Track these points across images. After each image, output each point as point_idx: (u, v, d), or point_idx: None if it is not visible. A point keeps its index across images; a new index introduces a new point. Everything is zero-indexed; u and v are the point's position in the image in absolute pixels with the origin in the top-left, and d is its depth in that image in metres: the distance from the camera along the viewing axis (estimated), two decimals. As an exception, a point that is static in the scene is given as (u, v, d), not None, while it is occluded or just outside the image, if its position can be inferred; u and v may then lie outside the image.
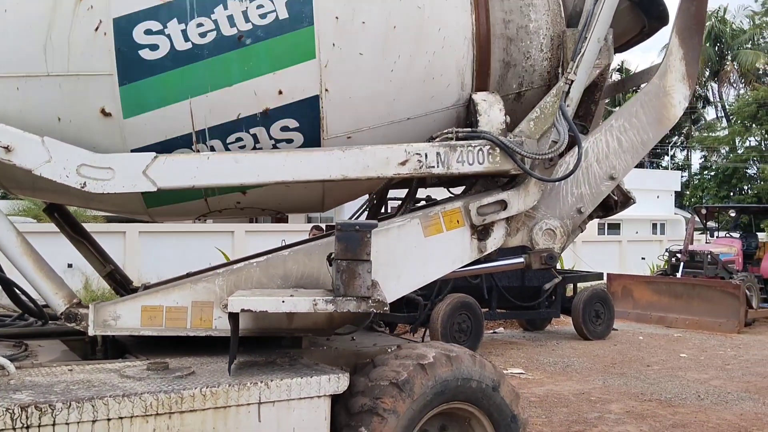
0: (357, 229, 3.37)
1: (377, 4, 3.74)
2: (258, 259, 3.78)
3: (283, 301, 3.34)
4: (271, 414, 3.35)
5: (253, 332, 3.73)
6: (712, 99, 51.42)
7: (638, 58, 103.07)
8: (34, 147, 3.45)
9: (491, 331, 13.11)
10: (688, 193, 46.69)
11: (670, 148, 51.86)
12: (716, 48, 47.44)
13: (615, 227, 32.78)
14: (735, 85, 49.61)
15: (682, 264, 15.65)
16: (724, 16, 47.62)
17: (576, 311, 12.37)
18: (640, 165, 46.62)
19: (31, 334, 4.36)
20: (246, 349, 3.92)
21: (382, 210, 5.66)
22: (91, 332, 3.64)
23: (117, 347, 4.17)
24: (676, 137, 53.20)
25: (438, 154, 3.74)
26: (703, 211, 18.27)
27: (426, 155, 3.72)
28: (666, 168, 48.65)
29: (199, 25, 3.52)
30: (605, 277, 15.31)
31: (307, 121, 3.72)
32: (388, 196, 5.63)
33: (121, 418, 3.03)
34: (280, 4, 3.56)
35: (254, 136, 3.72)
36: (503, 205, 3.96)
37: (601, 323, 12.61)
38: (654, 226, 34.64)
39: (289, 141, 3.77)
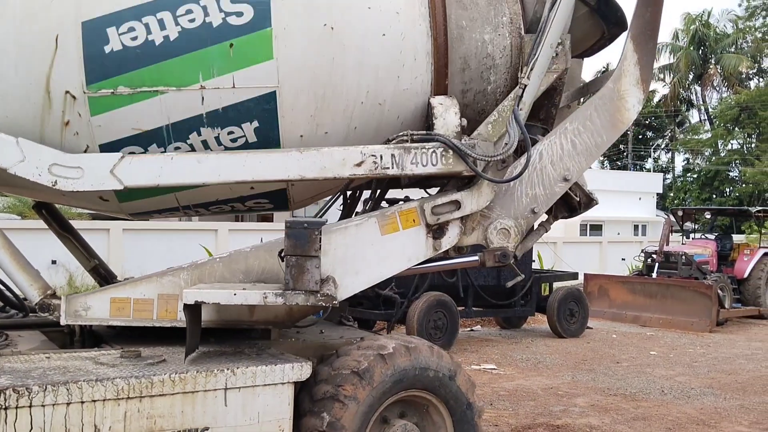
0: (305, 226, 3.56)
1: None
2: (221, 255, 4.01)
3: (234, 294, 3.55)
4: (236, 399, 3.58)
5: (217, 324, 3.96)
6: (695, 102, 52.00)
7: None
8: (9, 147, 3.66)
9: (468, 329, 13.38)
10: (671, 195, 47.27)
11: (653, 150, 52.39)
12: (700, 51, 48.05)
13: (597, 228, 33.21)
14: (718, 89, 50.26)
15: (657, 264, 15.99)
16: (707, 20, 48.22)
17: (551, 310, 12.65)
18: (623, 167, 47.20)
19: (12, 325, 4.57)
20: (217, 340, 4.16)
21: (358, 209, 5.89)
22: (63, 322, 3.86)
23: (94, 338, 4.39)
24: (661, 140, 53.81)
25: (393, 155, 3.93)
26: (680, 213, 18.64)
27: (381, 157, 3.91)
28: (649, 170, 49.14)
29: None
30: (582, 277, 15.60)
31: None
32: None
33: (94, 401, 3.25)
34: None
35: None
36: (457, 205, 4.14)
37: (576, 322, 12.90)
38: (636, 227, 35.08)
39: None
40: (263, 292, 3.56)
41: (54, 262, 14.19)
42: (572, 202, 5.14)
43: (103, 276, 5.59)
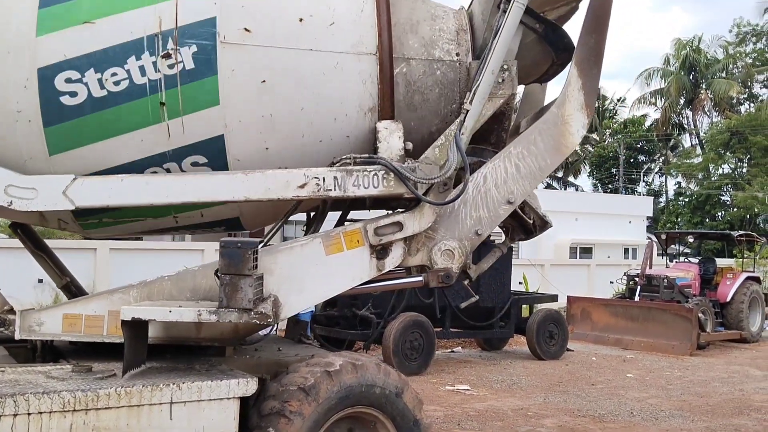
0: (239, 246, 3.68)
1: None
2: (170, 274, 4.14)
3: (170, 311, 3.69)
4: (182, 413, 3.70)
5: (165, 340, 4.09)
6: (687, 126, 52.46)
7: (613, 85, 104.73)
8: None
9: (449, 350, 13.47)
10: (664, 218, 47.50)
11: (644, 174, 52.74)
12: (691, 77, 48.58)
13: (588, 251, 33.39)
14: (709, 114, 50.73)
15: (639, 288, 16.12)
16: (698, 46, 48.80)
17: (530, 332, 12.74)
18: (615, 191, 47.24)
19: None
20: (173, 356, 4.29)
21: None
22: (17, 336, 4.01)
23: (54, 353, 4.51)
24: (653, 163, 54.18)
25: (335, 178, 4.06)
26: (663, 237, 18.80)
27: (324, 179, 4.04)
28: (641, 194, 49.42)
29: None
30: (563, 299, 15.71)
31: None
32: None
33: (40, 413, 3.37)
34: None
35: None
36: (399, 226, 4.23)
37: (555, 344, 13.00)
38: (626, 250, 35.22)
39: None
40: (197, 309, 3.68)
41: (41, 280, 14.24)
42: (528, 225, 5.27)
43: (74, 293, 5.72)
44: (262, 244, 4.38)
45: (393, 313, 10.85)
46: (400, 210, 4.36)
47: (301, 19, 4.15)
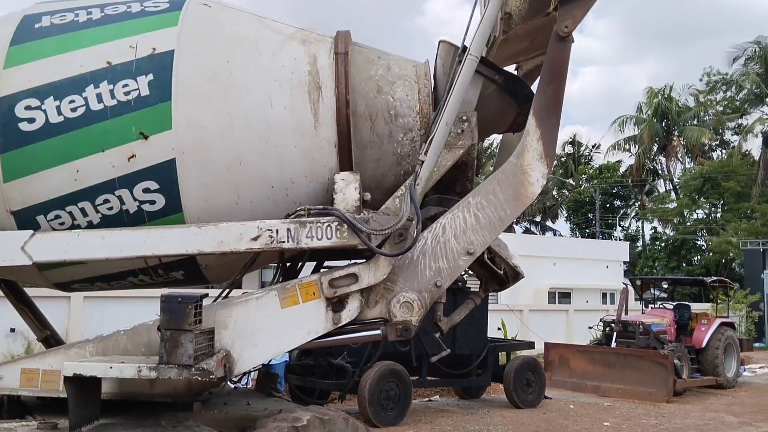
0: (179, 300, 3.65)
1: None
2: (125, 328, 4.12)
3: (111, 367, 3.66)
4: (146, 471, 3.67)
5: (118, 396, 4.04)
6: (661, 172, 53.41)
7: (588, 132, 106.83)
8: None
9: (426, 399, 13.37)
10: (641, 262, 47.96)
11: (620, 219, 53.41)
12: (663, 124, 49.65)
13: (566, 296, 33.49)
14: (682, 160, 51.76)
15: (615, 334, 16.18)
16: (670, 94, 50.01)
17: (507, 380, 12.71)
18: (592, 235, 47.67)
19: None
20: (139, 412, 4.25)
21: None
22: None
23: (22, 409, 4.45)
24: (629, 208, 54.93)
25: (289, 230, 4.03)
26: (638, 282, 18.98)
27: (277, 231, 4.01)
28: (617, 238, 49.93)
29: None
30: (540, 346, 15.72)
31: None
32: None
33: (1, 472, 3.33)
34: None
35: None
36: (355, 278, 4.16)
37: (533, 392, 12.96)
38: (604, 295, 35.39)
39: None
40: (138, 366, 3.64)
41: (12, 330, 14.09)
42: (500, 276, 5.30)
43: (53, 346, 5.68)
44: (218, 298, 4.37)
45: (369, 361, 10.79)
46: (356, 261, 4.31)
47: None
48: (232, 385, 5.69)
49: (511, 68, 5.44)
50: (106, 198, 4.12)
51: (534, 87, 4.77)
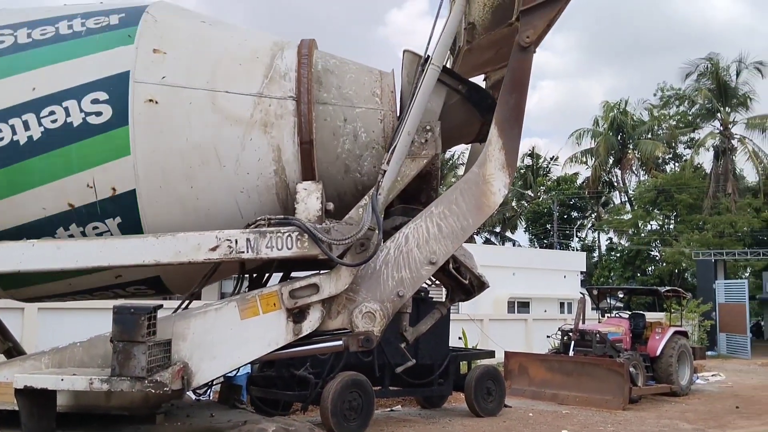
0: (132, 311, 3.64)
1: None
2: (81, 340, 4.08)
3: (62, 379, 3.63)
4: (109, 484, 3.63)
5: (74, 409, 4.00)
6: (616, 184, 54.47)
7: (546, 144, 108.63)
8: None
9: (388, 409, 13.38)
10: (597, 272, 48.77)
11: (577, 230, 54.28)
12: (619, 137, 50.69)
13: (525, 305, 33.89)
14: (636, 172, 52.90)
15: (573, 343, 16.44)
16: (625, 108, 51.13)
17: (468, 389, 12.80)
18: (550, 246, 48.41)
19: None
20: (101, 424, 4.19)
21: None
22: None
23: None
24: (585, 219, 55.87)
25: (248, 240, 3.99)
26: (595, 292, 19.32)
27: (236, 241, 3.97)
28: (575, 249, 50.73)
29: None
30: (500, 355, 15.88)
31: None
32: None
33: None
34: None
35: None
36: (316, 288, 4.14)
37: (493, 400, 13.07)
38: (562, 304, 35.90)
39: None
40: (90, 378, 3.61)
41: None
42: (466, 286, 5.35)
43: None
44: (177, 310, 4.34)
45: (332, 372, 10.76)
46: (318, 272, 4.30)
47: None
48: (195, 397, 5.66)
49: (478, 79, 5.50)
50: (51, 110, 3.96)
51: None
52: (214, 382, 5.21)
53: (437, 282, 5.58)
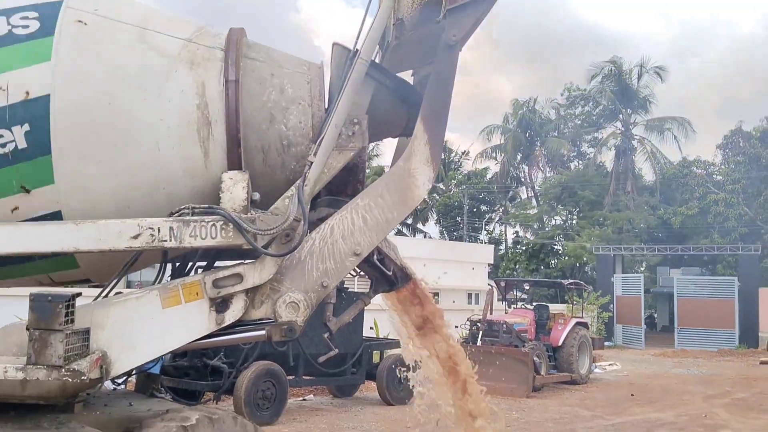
0: (49, 299, 3.55)
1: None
2: None
3: None
4: (28, 476, 3.54)
5: None
6: (523, 180, 56.28)
7: (458, 139, 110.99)
8: None
9: (300, 398, 13.44)
10: (503, 264, 50.33)
11: (485, 223, 55.76)
12: (527, 134, 52.37)
13: (435, 296, 34.47)
14: (543, 169, 54.84)
15: (480, 332, 16.97)
16: (534, 107, 52.81)
17: (380, 378, 13.03)
18: (459, 238, 49.33)
19: None
20: (17, 414, 4.05)
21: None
22: None
23: None
24: (494, 213, 57.48)
25: (171, 228, 3.89)
26: (502, 284, 20.00)
27: (159, 229, 3.87)
28: (483, 242, 52.10)
29: None
30: (412, 345, 16.17)
31: None
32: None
33: None
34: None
35: None
36: (239, 278, 4.07)
37: (404, 389, 13.33)
38: (470, 295, 36.88)
39: None
40: (4, 366, 3.52)
41: None
42: (390, 277, 5.45)
43: None
44: (97, 298, 4.24)
45: (246, 362, 10.72)
46: (242, 261, 4.23)
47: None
48: (112, 386, 5.52)
49: (406, 74, 5.61)
50: None
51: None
52: (134, 372, 5.10)
53: (362, 273, 5.67)
